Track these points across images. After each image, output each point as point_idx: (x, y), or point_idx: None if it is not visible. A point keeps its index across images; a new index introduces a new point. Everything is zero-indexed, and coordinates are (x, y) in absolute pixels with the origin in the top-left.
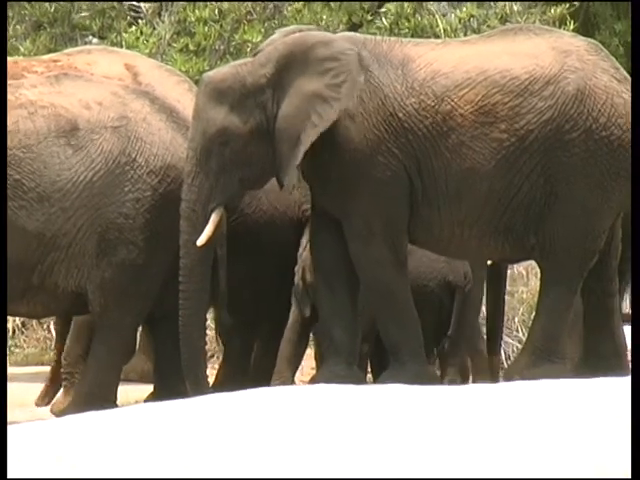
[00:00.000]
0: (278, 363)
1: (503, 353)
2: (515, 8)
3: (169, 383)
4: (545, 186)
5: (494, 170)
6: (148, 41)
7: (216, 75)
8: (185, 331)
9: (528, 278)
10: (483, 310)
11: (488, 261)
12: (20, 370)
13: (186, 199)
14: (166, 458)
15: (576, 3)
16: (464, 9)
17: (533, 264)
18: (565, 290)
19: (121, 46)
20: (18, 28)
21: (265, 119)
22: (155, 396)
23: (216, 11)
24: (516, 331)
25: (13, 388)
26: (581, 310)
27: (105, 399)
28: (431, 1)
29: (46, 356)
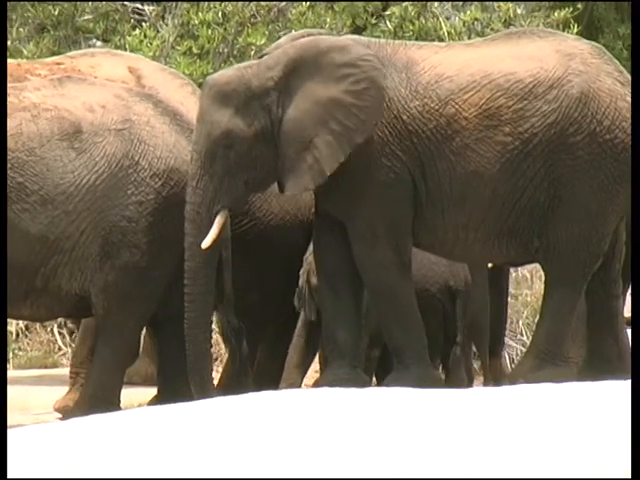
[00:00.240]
0: (286, 369)
1: (507, 356)
2: (519, 11)
3: (173, 386)
4: (549, 189)
5: (498, 173)
6: (152, 44)
7: (221, 78)
8: (190, 334)
9: (532, 281)
10: None
11: (489, 264)
12: (23, 373)
13: (191, 202)
14: (169, 461)
15: (580, 6)
16: (468, 12)
17: (537, 267)
18: (569, 293)
19: (125, 49)
20: (21, 31)
21: (270, 122)
22: (159, 399)
23: (220, 14)
24: (520, 334)
25: (16, 391)
26: (583, 312)
27: (109, 402)
28: (436, 1)
29: (49, 359)
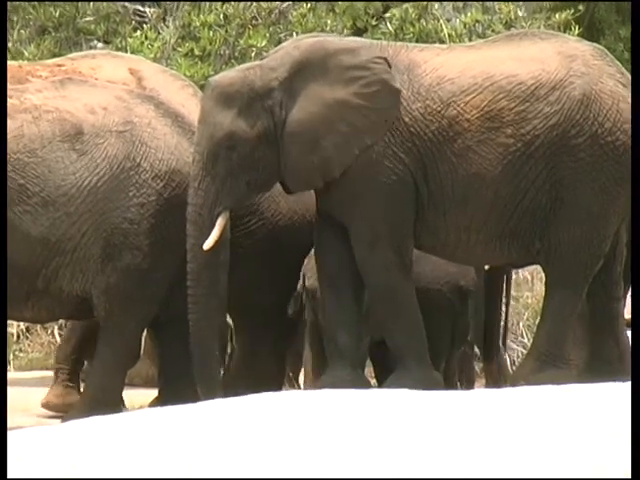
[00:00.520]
0: (306, 374)
1: (508, 358)
2: (520, 13)
3: (174, 387)
4: (551, 191)
5: (500, 175)
6: (153, 46)
7: (223, 79)
8: (196, 336)
9: (533, 283)
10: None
11: (485, 266)
12: (24, 375)
13: (192, 203)
14: (170, 462)
15: (581, 8)
16: (469, 14)
17: (538, 269)
18: (570, 295)
19: (126, 51)
20: (22, 32)
21: (273, 123)
22: (160, 401)
23: (221, 16)
24: (521, 336)
25: (17, 393)
26: (584, 314)
27: (110, 404)
28: (437, 1)
29: (50, 361)
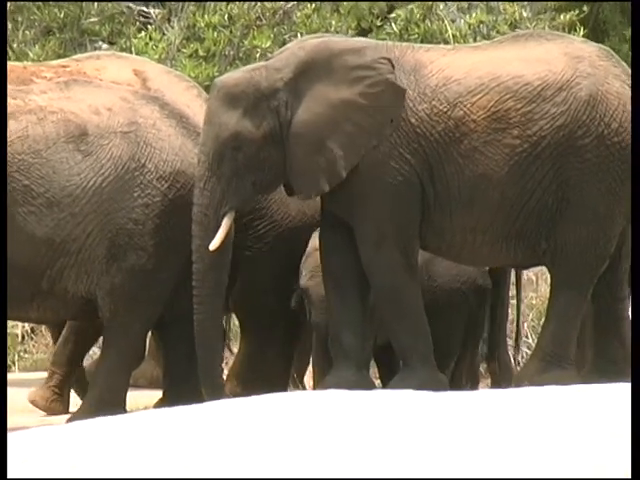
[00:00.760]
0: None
1: (512, 359)
2: (524, 14)
3: (179, 388)
4: (557, 192)
5: (507, 176)
6: (157, 47)
7: (229, 79)
8: (201, 336)
9: (537, 284)
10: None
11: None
12: (29, 376)
13: (198, 203)
14: (174, 463)
15: (585, 9)
16: (474, 15)
17: (542, 270)
18: (576, 295)
19: (130, 51)
20: (27, 33)
21: (279, 124)
22: (165, 402)
23: (225, 17)
24: (525, 337)
25: (22, 393)
26: (588, 315)
27: (114, 404)
28: (442, 1)
29: None
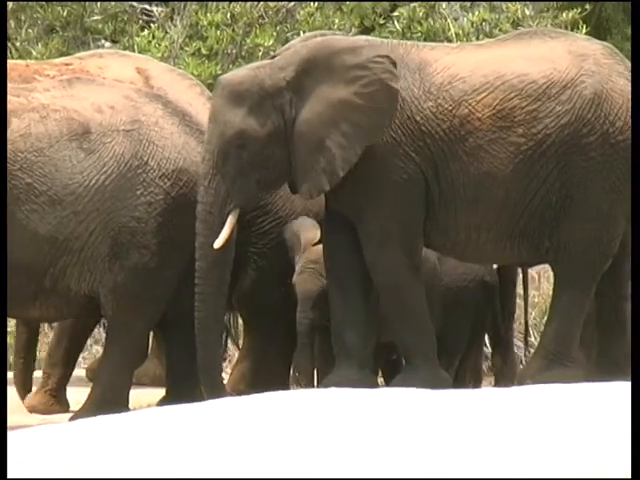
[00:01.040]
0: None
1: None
2: (527, 12)
3: (181, 387)
4: (561, 190)
5: (511, 174)
6: (160, 45)
7: (234, 77)
8: (201, 334)
9: (540, 282)
10: None
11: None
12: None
13: (203, 202)
14: (175, 462)
15: (588, 7)
16: (476, 13)
17: (545, 268)
18: (579, 294)
19: (133, 50)
20: (30, 32)
21: (283, 122)
22: (167, 400)
23: (228, 15)
24: (528, 335)
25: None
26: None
27: (117, 402)
28: (445, 0)
29: None
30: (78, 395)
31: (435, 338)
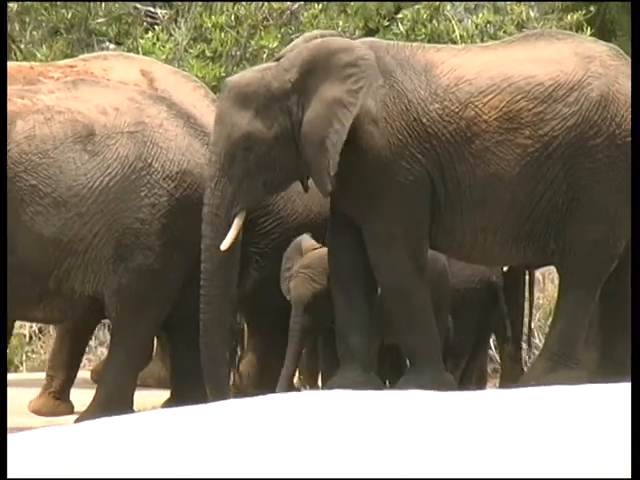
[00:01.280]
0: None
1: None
2: (532, 14)
3: (186, 388)
4: (567, 192)
5: (518, 176)
6: (164, 47)
7: (240, 80)
8: (206, 336)
9: (544, 284)
10: None
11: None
12: (36, 376)
13: (209, 203)
14: (180, 464)
15: (592, 9)
16: (481, 15)
17: (549, 269)
18: (584, 295)
19: (137, 52)
20: (35, 34)
21: (290, 124)
22: (172, 401)
23: (232, 17)
24: (532, 337)
25: (29, 394)
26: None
27: (122, 403)
28: (449, 1)
29: None
30: (83, 397)
31: (440, 340)
